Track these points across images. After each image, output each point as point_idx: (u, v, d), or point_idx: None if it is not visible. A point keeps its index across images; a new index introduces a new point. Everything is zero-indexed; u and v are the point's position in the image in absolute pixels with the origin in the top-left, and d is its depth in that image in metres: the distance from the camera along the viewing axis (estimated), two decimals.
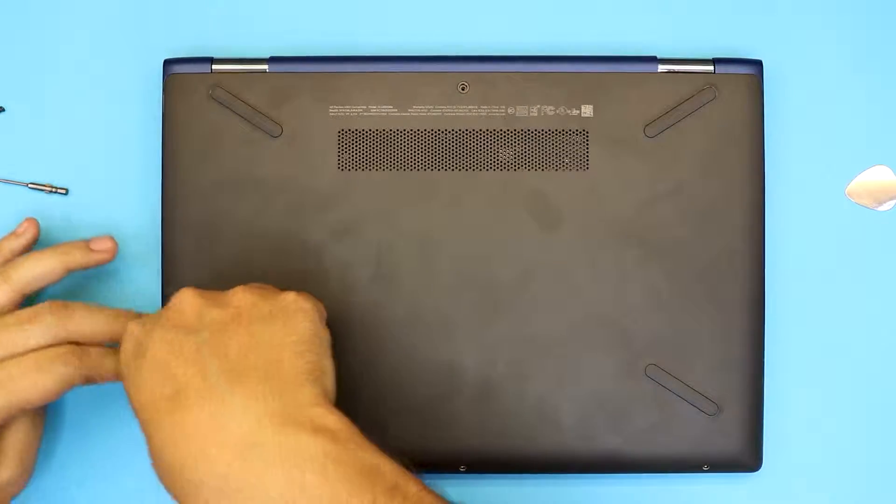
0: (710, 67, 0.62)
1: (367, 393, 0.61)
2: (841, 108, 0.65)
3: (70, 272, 0.60)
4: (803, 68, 0.65)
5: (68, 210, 0.65)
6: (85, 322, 0.58)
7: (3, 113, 0.66)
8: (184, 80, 0.63)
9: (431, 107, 0.62)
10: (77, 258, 0.61)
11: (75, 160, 0.65)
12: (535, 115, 0.62)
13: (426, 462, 0.61)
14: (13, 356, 0.56)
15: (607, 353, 0.61)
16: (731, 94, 0.62)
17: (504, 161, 0.62)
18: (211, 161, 0.62)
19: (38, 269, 0.59)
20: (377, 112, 0.62)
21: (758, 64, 0.63)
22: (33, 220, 0.62)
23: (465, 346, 0.62)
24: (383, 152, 0.62)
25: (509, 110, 0.62)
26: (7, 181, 0.65)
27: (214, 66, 0.63)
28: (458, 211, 0.62)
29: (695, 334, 0.62)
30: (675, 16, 0.65)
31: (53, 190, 0.65)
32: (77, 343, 0.57)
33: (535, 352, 0.61)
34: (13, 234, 0.62)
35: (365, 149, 0.62)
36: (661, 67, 0.62)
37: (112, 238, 0.62)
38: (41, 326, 0.57)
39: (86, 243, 0.61)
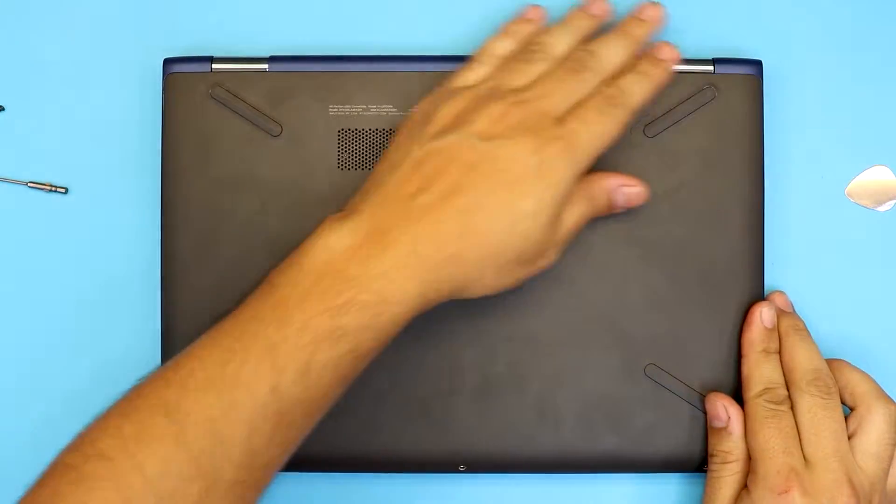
0: (710, 67, 0.62)
1: (367, 393, 0.61)
2: (841, 108, 0.65)
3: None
4: (803, 68, 0.65)
5: (68, 209, 0.65)
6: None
7: (3, 112, 0.66)
8: (184, 79, 0.63)
9: None
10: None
11: (75, 159, 0.65)
12: None
13: (426, 462, 0.62)
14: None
15: (607, 353, 0.61)
16: (731, 94, 0.62)
17: None
18: (211, 160, 0.62)
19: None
20: (377, 112, 0.62)
21: (758, 64, 0.63)
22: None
23: (464, 345, 0.62)
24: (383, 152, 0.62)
25: None
26: (7, 180, 0.65)
27: (214, 66, 0.63)
28: None
29: (695, 334, 0.62)
30: (675, 16, 0.65)
31: (53, 189, 0.65)
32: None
33: (534, 352, 0.61)
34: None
35: (365, 148, 0.62)
36: None
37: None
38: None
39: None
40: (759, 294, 0.62)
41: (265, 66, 0.63)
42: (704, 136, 0.62)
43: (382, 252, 0.52)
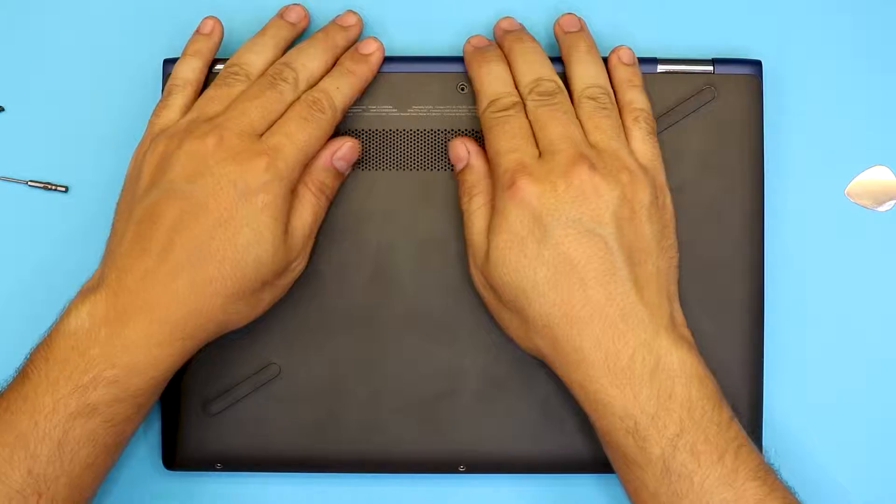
0: (710, 67, 0.62)
1: (367, 393, 0.61)
2: (841, 108, 0.65)
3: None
4: (803, 68, 0.65)
5: (68, 208, 0.65)
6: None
7: (3, 113, 0.66)
8: None
9: (431, 107, 0.62)
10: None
11: (75, 158, 0.65)
12: None
13: (426, 462, 0.62)
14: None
15: None
16: (731, 94, 0.62)
17: None
18: None
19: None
20: (377, 112, 0.62)
21: (758, 64, 0.63)
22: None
23: (465, 345, 0.62)
24: (383, 152, 0.62)
25: None
26: (7, 179, 0.65)
27: (214, 66, 0.63)
28: (458, 211, 0.62)
29: (695, 334, 0.61)
30: (674, 16, 0.65)
31: (53, 188, 0.65)
32: None
33: None
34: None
35: (365, 149, 0.62)
36: (661, 68, 0.62)
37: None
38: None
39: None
40: (759, 294, 0.62)
41: None
42: (704, 136, 0.62)
43: (122, 327, 0.54)
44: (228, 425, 0.61)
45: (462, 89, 0.62)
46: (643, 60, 0.62)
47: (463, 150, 0.60)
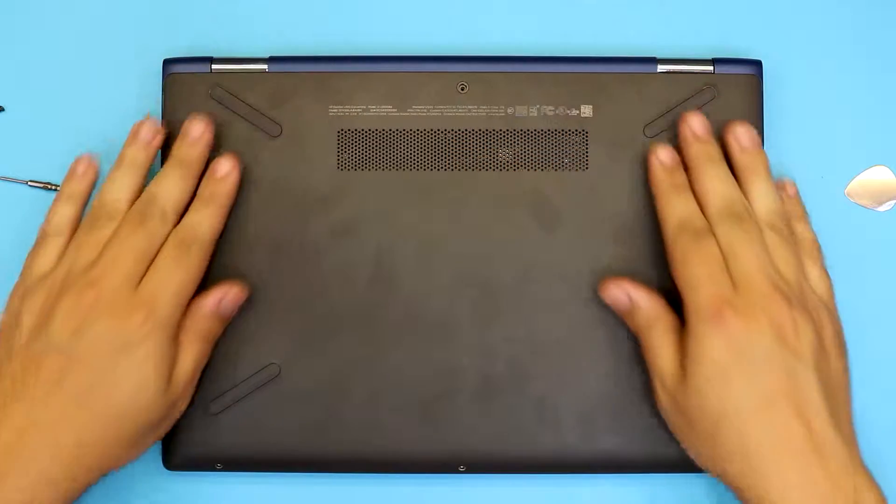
0: (710, 67, 0.62)
1: (367, 393, 0.61)
2: (841, 108, 0.65)
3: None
4: (803, 68, 0.65)
5: None
6: None
7: (2, 112, 0.66)
8: (183, 79, 0.63)
9: (431, 107, 0.62)
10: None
11: (75, 158, 0.65)
12: (535, 115, 0.62)
13: (426, 462, 0.62)
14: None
15: (607, 353, 0.61)
16: (731, 94, 0.62)
17: (504, 161, 0.62)
18: (210, 161, 0.62)
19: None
20: (377, 112, 0.62)
21: (758, 64, 0.63)
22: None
23: (464, 346, 0.62)
24: (383, 152, 0.62)
25: (509, 110, 0.62)
26: (7, 179, 0.65)
27: (214, 66, 0.63)
28: (458, 211, 0.62)
29: None
30: (674, 16, 0.65)
31: (53, 188, 0.65)
32: None
33: (534, 352, 0.61)
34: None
35: (364, 149, 0.62)
36: (661, 68, 0.62)
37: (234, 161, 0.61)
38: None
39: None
40: None
41: (265, 66, 0.63)
42: None
43: (3, 479, 0.53)
44: (228, 425, 0.61)
45: (462, 89, 0.62)
46: (643, 60, 0.62)
47: (622, 295, 0.60)
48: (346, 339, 0.61)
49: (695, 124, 0.61)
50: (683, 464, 0.61)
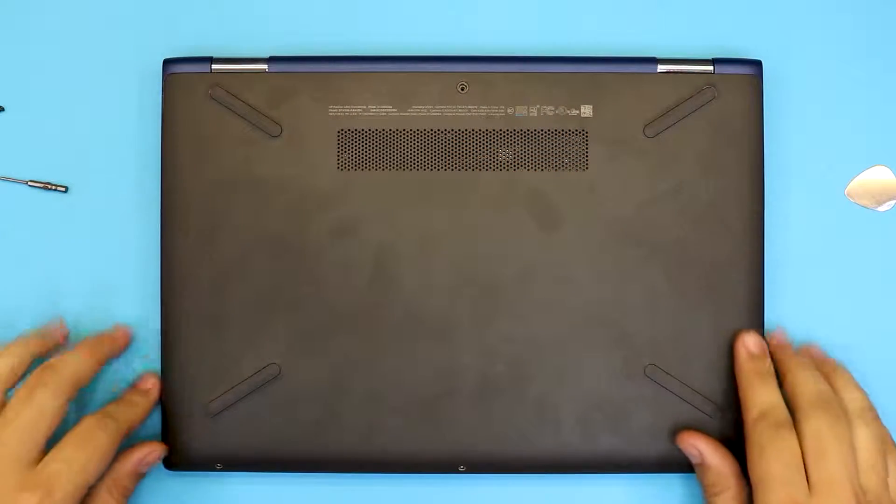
0: (710, 67, 0.62)
1: (367, 393, 0.61)
2: (841, 108, 0.65)
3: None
4: (803, 68, 0.65)
5: (68, 208, 0.65)
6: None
7: (2, 112, 0.66)
8: (183, 79, 0.63)
9: (431, 107, 0.62)
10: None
11: (75, 158, 0.65)
12: (535, 115, 0.62)
13: (426, 462, 0.62)
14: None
15: (607, 353, 0.62)
16: (731, 94, 0.62)
17: (504, 161, 0.62)
18: (210, 161, 0.62)
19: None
20: (377, 112, 0.62)
21: (758, 64, 0.63)
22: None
23: (464, 346, 0.62)
24: (383, 152, 0.62)
25: (509, 110, 0.62)
26: (7, 179, 0.65)
27: (214, 66, 0.63)
28: (458, 211, 0.62)
29: (695, 334, 0.62)
30: (674, 16, 0.65)
31: (53, 188, 0.65)
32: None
33: (534, 352, 0.61)
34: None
35: (364, 149, 0.62)
36: (661, 68, 0.62)
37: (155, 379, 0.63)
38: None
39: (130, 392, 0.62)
40: (759, 294, 0.62)
41: (265, 66, 0.63)
42: (704, 136, 0.62)
43: None
44: (228, 425, 0.61)
45: (462, 89, 0.62)
46: (643, 60, 0.62)
47: (692, 448, 0.60)
48: (346, 339, 0.61)
49: (780, 338, 0.62)
50: (683, 464, 0.61)
